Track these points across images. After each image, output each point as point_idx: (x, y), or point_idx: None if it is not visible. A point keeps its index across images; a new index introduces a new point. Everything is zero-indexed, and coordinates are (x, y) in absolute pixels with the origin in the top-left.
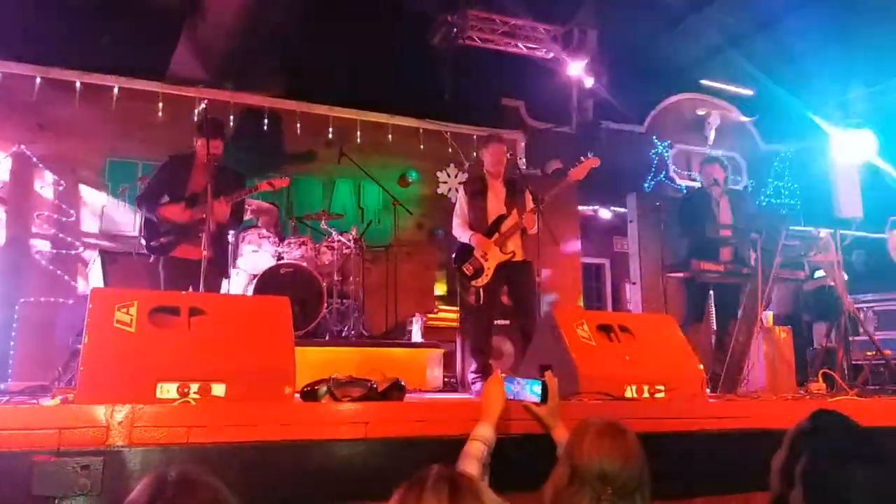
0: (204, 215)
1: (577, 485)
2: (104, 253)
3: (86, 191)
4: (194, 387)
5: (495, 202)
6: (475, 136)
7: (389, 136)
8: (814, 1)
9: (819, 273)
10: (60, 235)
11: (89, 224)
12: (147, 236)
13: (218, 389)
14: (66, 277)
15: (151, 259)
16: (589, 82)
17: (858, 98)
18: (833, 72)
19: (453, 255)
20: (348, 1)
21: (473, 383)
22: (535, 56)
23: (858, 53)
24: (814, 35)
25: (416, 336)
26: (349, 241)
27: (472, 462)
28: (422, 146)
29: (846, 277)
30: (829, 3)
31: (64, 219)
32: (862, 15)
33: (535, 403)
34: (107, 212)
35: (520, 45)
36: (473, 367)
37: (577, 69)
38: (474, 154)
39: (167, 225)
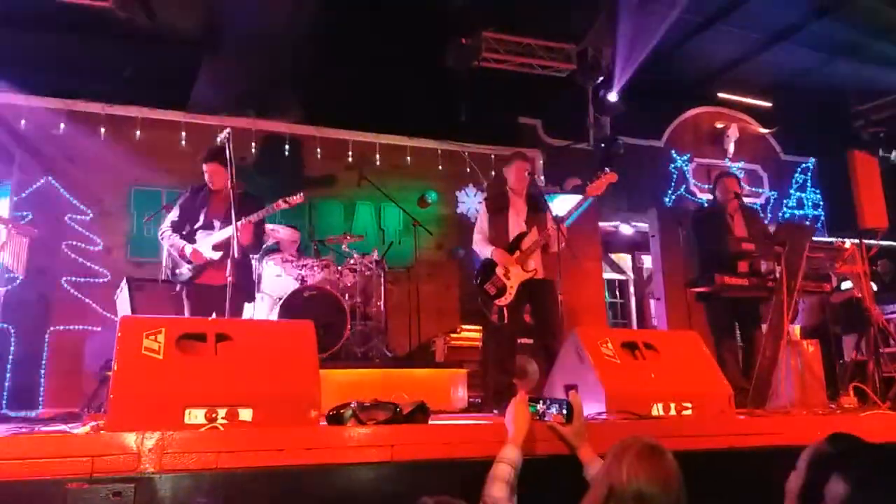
0: (223, 240)
1: None
2: (131, 280)
3: (112, 220)
4: (222, 412)
5: (516, 219)
6: (493, 156)
7: (408, 157)
8: (830, 12)
9: (846, 285)
10: (88, 264)
11: (117, 253)
12: (172, 266)
13: (245, 414)
14: (94, 305)
15: (178, 288)
16: (612, 97)
17: (877, 108)
18: (851, 82)
19: (475, 275)
20: (364, 26)
21: (498, 404)
22: (551, 75)
23: (874, 64)
24: (831, 46)
25: (440, 356)
26: (371, 262)
27: (499, 485)
28: (440, 167)
29: (875, 288)
30: (845, 15)
31: (91, 248)
32: (878, 26)
33: (561, 423)
34: (133, 240)
35: (534, 64)
36: (498, 387)
37: (592, 86)
38: (492, 173)
39: (186, 261)
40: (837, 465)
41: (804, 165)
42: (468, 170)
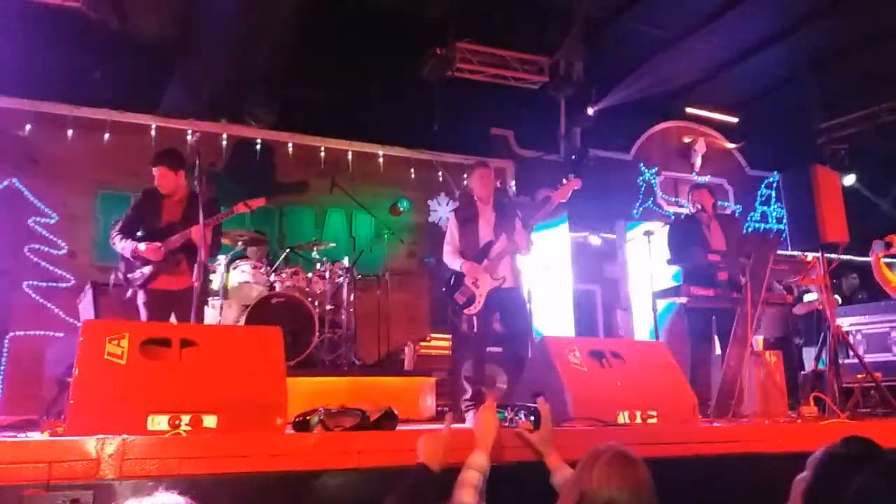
0: (180, 244)
1: None
2: (96, 285)
3: (78, 223)
4: (186, 418)
5: (485, 227)
6: (465, 165)
7: (381, 165)
8: (796, 31)
9: (808, 297)
10: (51, 268)
11: (82, 257)
12: (125, 270)
13: (209, 421)
14: (56, 310)
15: (129, 293)
16: (589, 112)
17: (841, 125)
18: (816, 99)
19: (444, 284)
20: (339, 33)
21: (467, 411)
22: (523, 86)
23: (839, 81)
24: (796, 64)
25: (409, 364)
26: (341, 270)
27: (468, 491)
28: (413, 175)
29: (839, 301)
30: (811, 34)
31: (55, 252)
32: (843, 45)
33: (528, 430)
34: (99, 244)
35: (508, 76)
36: (467, 395)
37: (564, 99)
38: (465, 182)
39: (142, 261)
40: (851, 467)
41: (769, 180)
42: (440, 179)
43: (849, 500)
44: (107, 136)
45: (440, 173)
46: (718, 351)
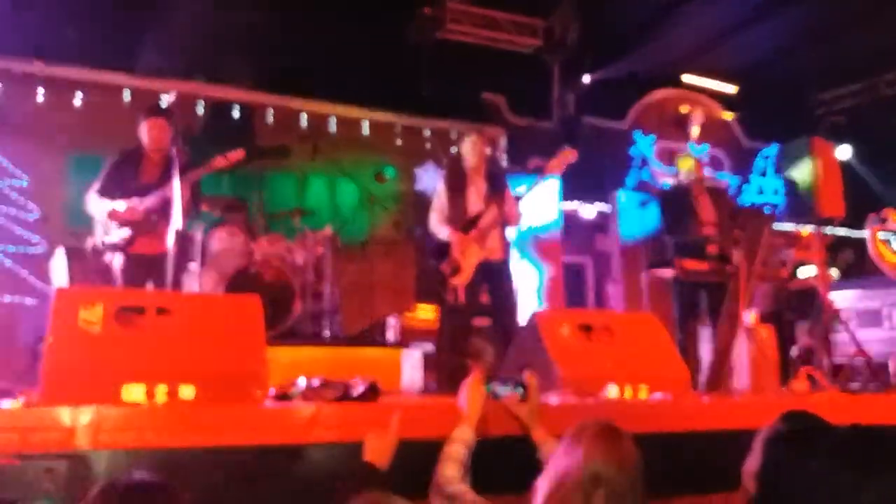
0: (157, 203)
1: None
2: (69, 250)
3: (50, 187)
4: (162, 389)
5: (475, 197)
6: (454, 132)
7: (366, 131)
8: (796, 2)
9: (802, 272)
10: (23, 233)
11: (54, 221)
12: (102, 233)
13: (187, 391)
14: (29, 276)
15: (106, 257)
16: (585, 79)
17: (840, 97)
18: (815, 71)
19: (431, 253)
20: None
21: (452, 384)
22: (516, 50)
23: (840, 53)
24: (797, 34)
25: (394, 336)
26: (323, 239)
27: (452, 464)
28: (399, 142)
29: (835, 276)
30: (811, 5)
31: (27, 216)
32: (843, 17)
33: (516, 403)
34: (72, 208)
35: (500, 38)
36: (452, 367)
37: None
38: (453, 150)
39: (120, 221)
40: (793, 444)
41: (766, 152)
42: (428, 146)
43: (807, 482)
44: (80, 96)
45: (428, 139)
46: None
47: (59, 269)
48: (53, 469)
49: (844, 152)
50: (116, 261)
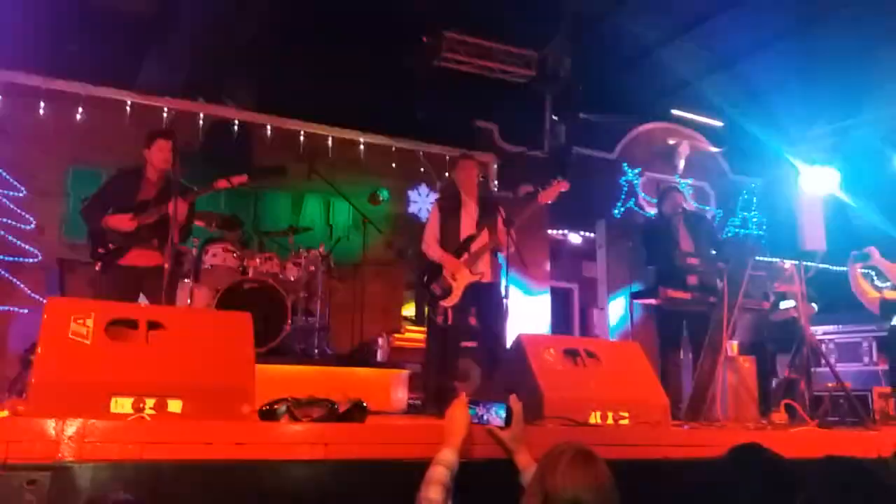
0: (154, 219)
1: None
2: (63, 262)
3: (48, 199)
4: (150, 402)
5: (468, 221)
6: (448, 157)
7: (362, 153)
8: (781, 38)
9: (784, 304)
10: (18, 243)
11: (50, 233)
12: (93, 244)
13: (174, 405)
14: (22, 286)
15: (98, 268)
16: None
17: (823, 134)
18: (799, 107)
19: (422, 274)
20: (325, 16)
21: (438, 405)
22: (510, 80)
23: (823, 90)
24: (781, 71)
25: (382, 356)
26: (316, 258)
27: (435, 487)
28: (394, 165)
29: (815, 308)
30: (796, 41)
31: (23, 226)
32: (825, 54)
33: (499, 427)
34: (68, 221)
35: (495, 68)
36: (439, 389)
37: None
38: (446, 174)
39: (113, 233)
40: (736, 477)
41: (751, 186)
42: (422, 169)
43: None
44: (81, 110)
45: (422, 163)
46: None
47: (52, 281)
48: (36, 480)
49: (827, 188)
50: (109, 272)
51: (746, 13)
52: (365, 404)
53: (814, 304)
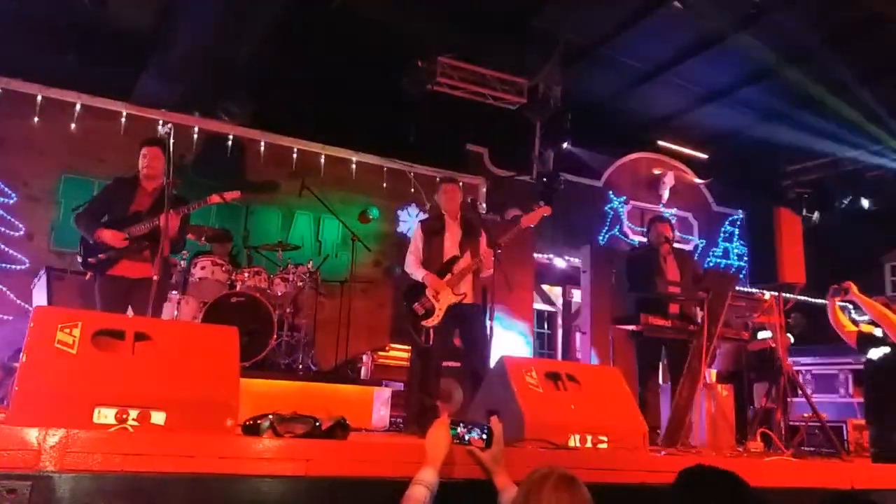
0: (146, 231)
1: None
2: (51, 270)
3: (38, 206)
4: (133, 413)
5: (451, 242)
6: (438, 178)
7: (353, 171)
8: (767, 77)
9: (762, 334)
10: (6, 250)
11: (39, 240)
12: (84, 253)
13: (158, 417)
14: (8, 293)
15: (87, 277)
16: (563, 144)
17: (806, 169)
18: (784, 142)
19: (404, 293)
20: (321, 37)
21: (420, 424)
22: (501, 106)
23: (807, 127)
24: (767, 107)
25: (365, 374)
26: (304, 274)
27: None
28: (384, 184)
29: (791, 340)
30: (782, 80)
31: (12, 233)
32: (811, 93)
33: (480, 448)
34: (58, 228)
35: (487, 94)
36: (421, 408)
37: (540, 122)
38: (435, 195)
39: (105, 244)
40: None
41: (733, 217)
42: (412, 189)
43: None
44: (75, 119)
45: (412, 184)
46: (661, 381)
47: (40, 288)
48: (16, 490)
49: (807, 221)
50: (98, 281)
51: (731, 51)
52: (347, 422)
53: (790, 336)
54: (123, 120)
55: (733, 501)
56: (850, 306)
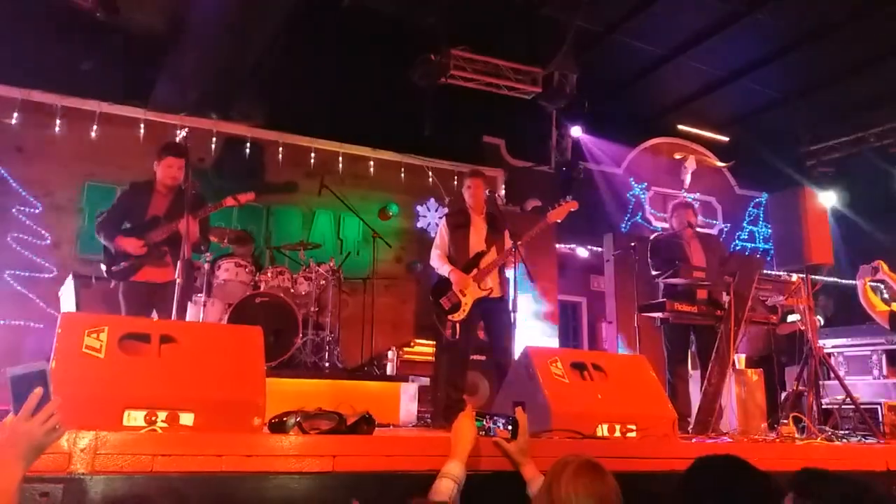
0: (165, 236)
1: None
2: (78, 277)
3: (63, 214)
4: (162, 415)
5: (476, 237)
6: (456, 172)
7: (371, 168)
8: (787, 55)
9: (792, 317)
10: (34, 258)
11: (65, 248)
12: (108, 261)
13: (186, 419)
14: (37, 301)
15: (112, 285)
16: (576, 131)
17: (829, 148)
18: (806, 122)
19: (431, 288)
20: (333, 34)
21: (447, 418)
22: (516, 96)
23: (829, 105)
24: (787, 87)
25: (392, 369)
26: (327, 272)
27: (441, 499)
28: (403, 180)
29: (820, 322)
30: (802, 58)
31: (39, 241)
32: (833, 70)
33: (506, 440)
34: (83, 236)
35: (501, 85)
36: (448, 402)
37: (556, 110)
38: (456, 187)
39: (127, 251)
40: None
41: (757, 200)
42: (430, 184)
43: None
44: (95, 127)
45: (430, 179)
46: (690, 368)
47: (67, 296)
48: (49, 493)
49: (832, 199)
50: (122, 287)
51: (748, 30)
52: (372, 417)
53: (819, 318)
54: (142, 126)
55: (736, 481)
56: (882, 286)
